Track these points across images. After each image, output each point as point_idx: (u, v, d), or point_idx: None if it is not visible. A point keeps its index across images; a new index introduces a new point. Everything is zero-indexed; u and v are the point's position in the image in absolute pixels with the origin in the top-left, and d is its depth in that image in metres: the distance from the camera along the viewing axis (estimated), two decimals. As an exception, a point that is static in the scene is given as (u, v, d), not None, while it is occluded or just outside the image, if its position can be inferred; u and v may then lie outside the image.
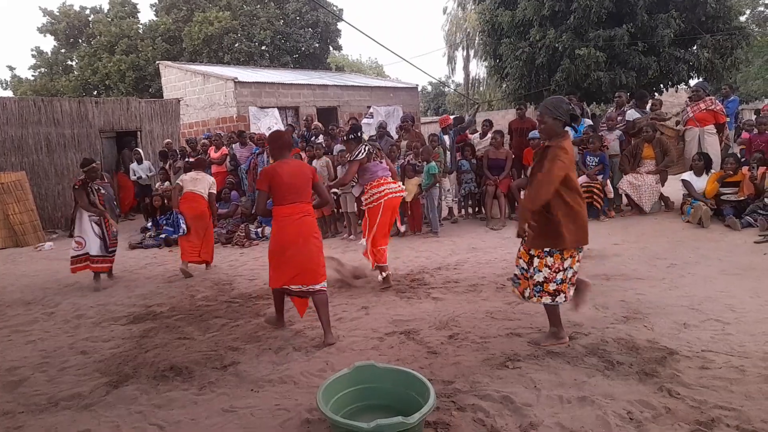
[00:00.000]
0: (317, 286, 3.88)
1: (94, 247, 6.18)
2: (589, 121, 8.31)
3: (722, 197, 6.70)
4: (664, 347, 3.30)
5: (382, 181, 5.17)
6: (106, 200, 6.33)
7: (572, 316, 3.91)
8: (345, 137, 5.45)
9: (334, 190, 5.42)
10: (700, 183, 6.94)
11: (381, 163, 5.25)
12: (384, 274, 5.24)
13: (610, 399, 2.73)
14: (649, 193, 7.45)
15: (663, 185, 7.61)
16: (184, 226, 6.46)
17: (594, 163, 7.63)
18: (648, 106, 8.37)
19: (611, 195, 7.63)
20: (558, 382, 2.95)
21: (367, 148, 5.13)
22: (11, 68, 28.00)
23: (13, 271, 7.81)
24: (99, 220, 6.23)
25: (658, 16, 12.96)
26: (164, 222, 9.06)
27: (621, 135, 7.96)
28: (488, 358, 3.33)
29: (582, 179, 7.63)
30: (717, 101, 7.76)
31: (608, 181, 7.58)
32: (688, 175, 7.14)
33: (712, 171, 6.98)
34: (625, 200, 8.03)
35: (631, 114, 8.09)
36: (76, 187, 6.21)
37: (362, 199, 5.40)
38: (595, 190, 7.46)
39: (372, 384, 2.71)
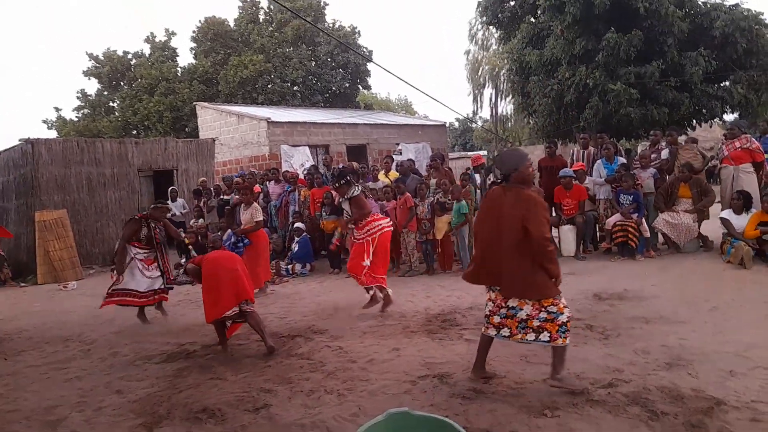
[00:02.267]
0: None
1: (141, 284, 6.28)
2: (622, 159, 8.23)
3: (764, 236, 6.48)
4: (711, 397, 3.15)
5: (376, 217, 5.81)
6: (161, 237, 6.49)
7: (612, 362, 3.80)
8: (336, 183, 5.92)
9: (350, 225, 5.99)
10: (740, 221, 6.74)
11: (371, 200, 5.90)
12: (371, 293, 5.79)
13: (656, 453, 2.62)
14: (687, 232, 7.27)
15: (700, 225, 7.41)
16: None
17: (628, 201, 7.51)
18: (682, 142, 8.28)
19: (647, 234, 7.46)
20: (599, 434, 2.84)
21: (359, 188, 5.72)
22: (57, 109, 29.32)
23: (51, 307, 8.03)
24: (146, 258, 6.36)
25: (687, 54, 12.91)
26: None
27: (655, 173, 7.85)
28: (525, 405, 3.24)
29: (616, 218, 7.52)
30: (753, 139, 7.60)
31: (643, 220, 7.44)
32: (727, 213, 6.95)
33: (753, 210, 6.78)
34: (661, 239, 7.84)
35: (665, 153, 8.00)
36: (136, 218, 6.44)
37: (356, 233, 5.84)
38: (630, 228, 7.32)
39: (407, 432, 2.65)
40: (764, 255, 6.38)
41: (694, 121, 14.67)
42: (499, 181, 3.58)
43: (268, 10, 29.20)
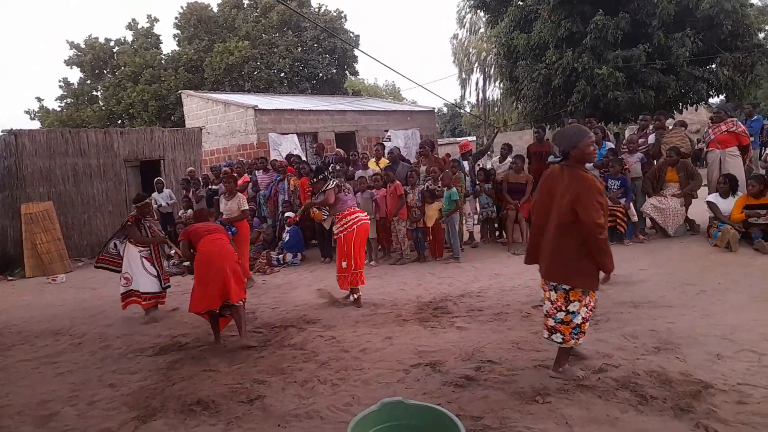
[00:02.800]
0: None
1: (146, 283, 6.14)
2: (610, 144, 8.27)
3: (750, 220, 6.57)
4: (699, 380, 3.21)
5: (352, 210, 5.88)
6: (157, 235, 6.35)
7: (601, 347, 3.85)
8: (313, 179, 6.11)
9: (317, 206, 6.22)
10: (726, 205, 6.82)
11: (349, 194, 5.98)
12: (356, 296, 5.81)
13: (646, 436, 2.66)
14: (674, 216, 7.35)
15: (687, 209, 7.49)
16: None
17: (615, 187, 7.56)
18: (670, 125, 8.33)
19: (635, 218, 7.53)
20: (590, 418, 2.89)
21: (334, 182, 5.85)
22: (39, 99, 28.87)
23: (40, 300, 7.96)
24: (149, 256, 6.23)
25: (673, 36, 12.94)
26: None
27: (642, 157, 7.90)
28: (517, 391, 3.28)
29: (604, 203, 7.56)
30: (739, 123, 7.67)
31: (631, 204, 7.50)
32: (713, 197, 7.03)
33: (739, 193, 6.87)
34: (649, 223, 7.92)
35: (652, 138, 8.05)
36: (129, 223, 6.21)
37: (335, 228, 5.99)
38: (618, 213, 7.37)
39: (401, 421, 2.68)
40: (750, 238, 6.47)
41: (681, 104, 14.75)
42: (558, 158, 3.40)
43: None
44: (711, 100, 15.59)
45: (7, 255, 11.14)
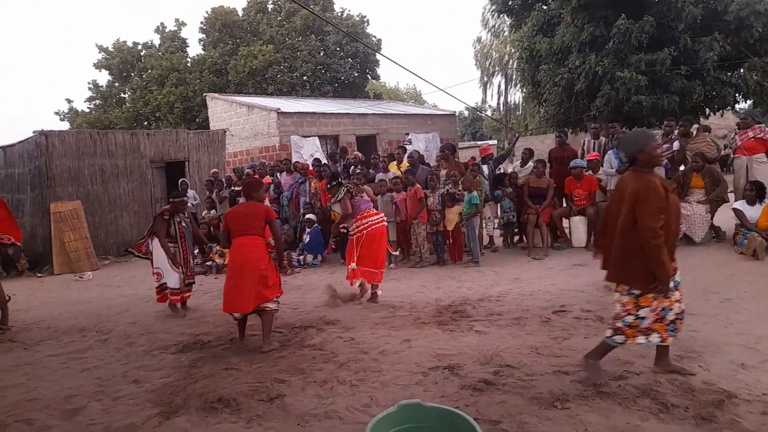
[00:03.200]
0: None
1: (171, 279, 6.28)
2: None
3: (777, 227, 6.43)
4: (722, 389, 3.17)
5: (365, 215, 5.98)
6: (185, 232, 6.41)
7: (622, 354, 3.81)
8: (328, 185, 6.23)
9: (342, 225, 6.31)
10: (754, 212, 6.69)
11: (363, 197, 6.06)
12: (359, 290, 6.02)
13: (666, 445, 2.64)
14: (700, 222, 7.22)
15: (713, 216, 7.36)
16: None
17: (639, 192, 7.46)
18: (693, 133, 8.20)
19: (658, 224, 7.42)
20: (610, 426, 2.87)
21: (345, 188, 5.98)
22: (69, 101, 29.54)
23: (68, 297, 8.16)
24: (175, 252, 6.32)
25: (701, 40, 12.68)
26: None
27: (666, 163, 7.79)
28: (535, 397, 3.27)
29: (627, 208, 7.47)
30: (766, 129, 7.50)
31: (655, 211, 7.39)
32: (740, 204, 6.89)
33: (766, 200, 6.73)
34: (673, 230, 7.79)
35: (677, 144, 7.94)
36: (165, 217, 6.30)
37: (350, 230, 6.17)
38: (641, 219, 7.28)
39: (419, 423, 2.69)
40: (777, 246, 6.32)
41: (707, 109, 14.46)
42: (626, 164, 3.46)
43: None
44: (738, 106, 15.23)
45: (36, 252, 11.44)
